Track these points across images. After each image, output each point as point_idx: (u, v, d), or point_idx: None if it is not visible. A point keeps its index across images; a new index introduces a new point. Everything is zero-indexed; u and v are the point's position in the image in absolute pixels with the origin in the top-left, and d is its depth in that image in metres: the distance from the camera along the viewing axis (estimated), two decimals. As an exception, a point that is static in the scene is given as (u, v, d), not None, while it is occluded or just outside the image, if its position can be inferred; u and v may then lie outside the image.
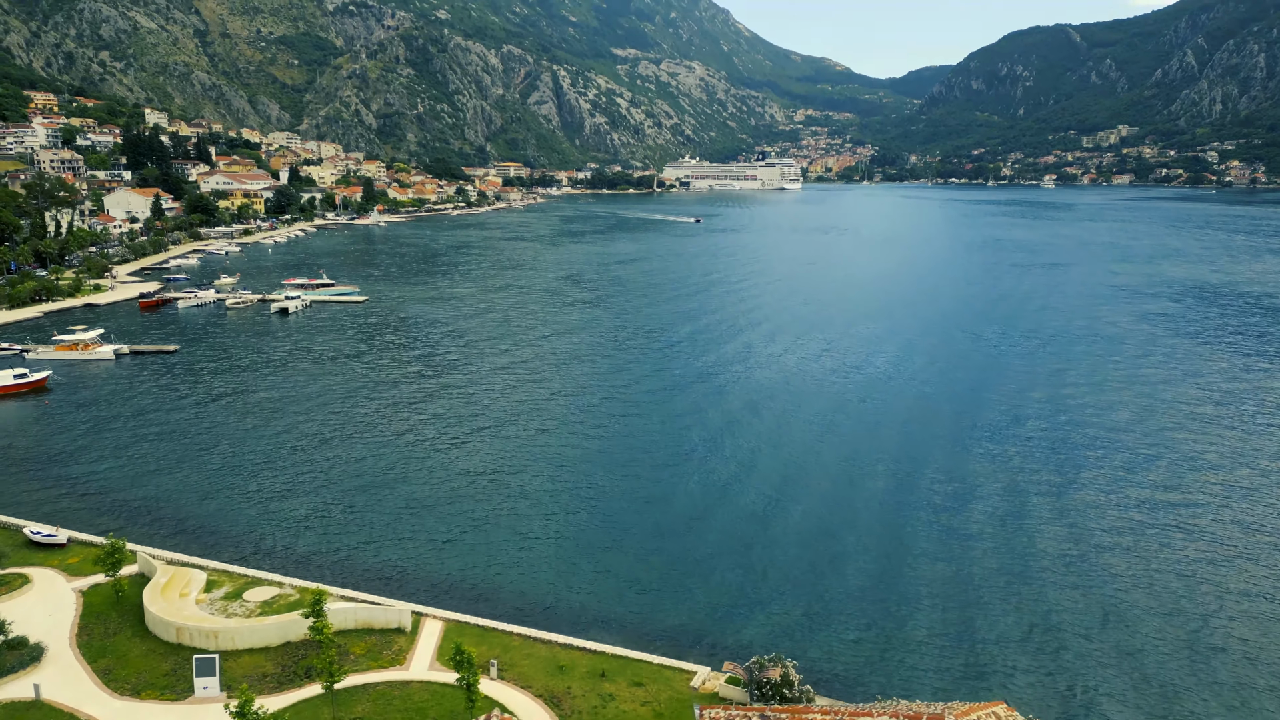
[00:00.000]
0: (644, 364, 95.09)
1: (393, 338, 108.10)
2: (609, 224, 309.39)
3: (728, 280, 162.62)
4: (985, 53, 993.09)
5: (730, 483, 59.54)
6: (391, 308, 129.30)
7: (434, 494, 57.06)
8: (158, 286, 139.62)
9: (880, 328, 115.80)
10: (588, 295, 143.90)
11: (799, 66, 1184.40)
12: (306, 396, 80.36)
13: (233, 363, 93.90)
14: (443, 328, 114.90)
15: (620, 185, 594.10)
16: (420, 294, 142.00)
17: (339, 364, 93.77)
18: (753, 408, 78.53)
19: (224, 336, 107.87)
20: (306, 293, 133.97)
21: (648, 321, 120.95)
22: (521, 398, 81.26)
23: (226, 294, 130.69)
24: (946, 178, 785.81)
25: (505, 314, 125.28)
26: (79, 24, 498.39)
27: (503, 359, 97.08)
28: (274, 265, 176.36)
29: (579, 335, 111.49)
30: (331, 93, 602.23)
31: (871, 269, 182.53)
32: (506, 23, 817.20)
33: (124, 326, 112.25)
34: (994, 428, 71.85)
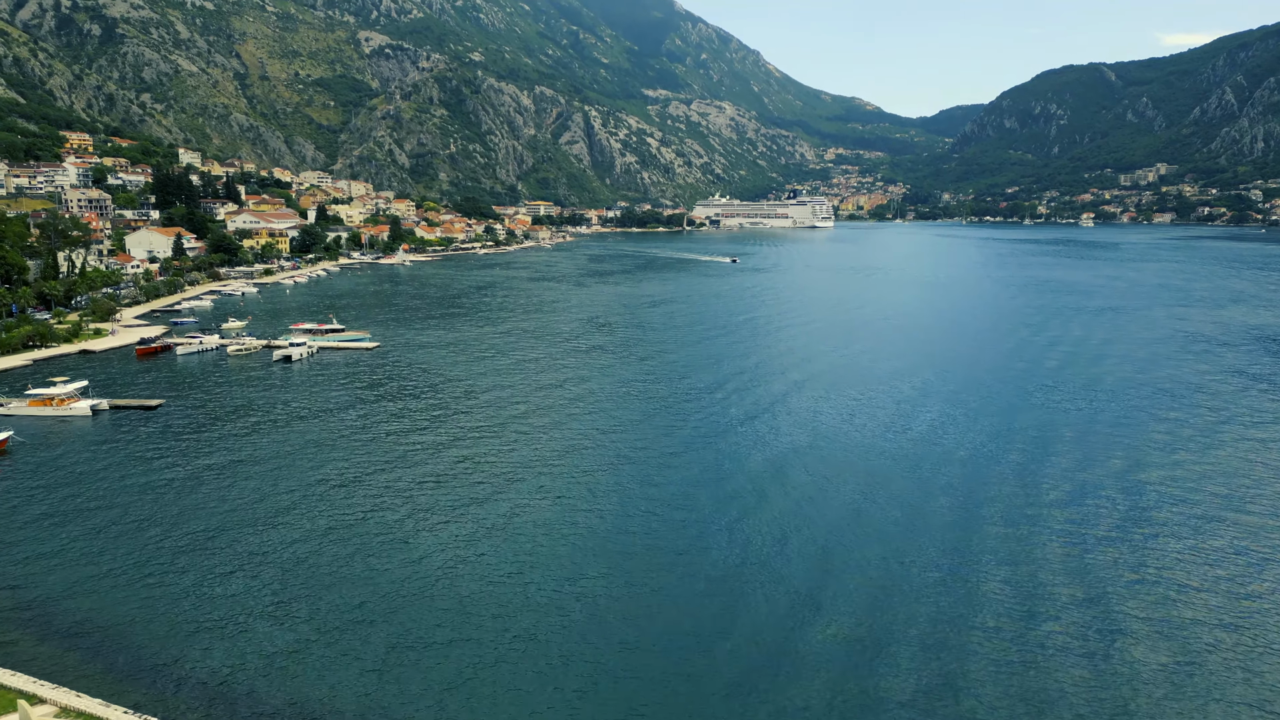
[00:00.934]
0: (662, 420, 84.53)
1: (398, 389, 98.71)
2: (637, 263, 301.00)
3: (759, 324, 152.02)
4: (1018, 91, 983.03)
5: (749, 588, 48.43)
6: (402, 355, 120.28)
7: (427, 619, 46.58)
8: (161, 331, 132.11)
9: (923, 380, 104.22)
10: (610, 341, 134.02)
11: (829, 106, 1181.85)
12: (289, 463, 70.70)
13: (218, 420, 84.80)
14: (452, 378, 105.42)
15: (650, 223, 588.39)
16: (434, 339, 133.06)
17: (335, 421, 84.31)
18: (778, 475, 67.56)
19: (218, 388, 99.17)
20: (314, 338, 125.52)
21: (671, 371, 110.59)
22: (526, 457, 70.96)
23: (229, 340, 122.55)
24: (981, 216, 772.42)
25: (521, 362, 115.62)
26: (122, 67, 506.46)
27: (513, 412, 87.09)
28: (290, 307, 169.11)
29: (596, 386, 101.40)
30: (366, 133, 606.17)
31: (912, 312, 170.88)
32: (539, 65, 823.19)
33: (116, 375, 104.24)
34: (1062, 506, 60.06)
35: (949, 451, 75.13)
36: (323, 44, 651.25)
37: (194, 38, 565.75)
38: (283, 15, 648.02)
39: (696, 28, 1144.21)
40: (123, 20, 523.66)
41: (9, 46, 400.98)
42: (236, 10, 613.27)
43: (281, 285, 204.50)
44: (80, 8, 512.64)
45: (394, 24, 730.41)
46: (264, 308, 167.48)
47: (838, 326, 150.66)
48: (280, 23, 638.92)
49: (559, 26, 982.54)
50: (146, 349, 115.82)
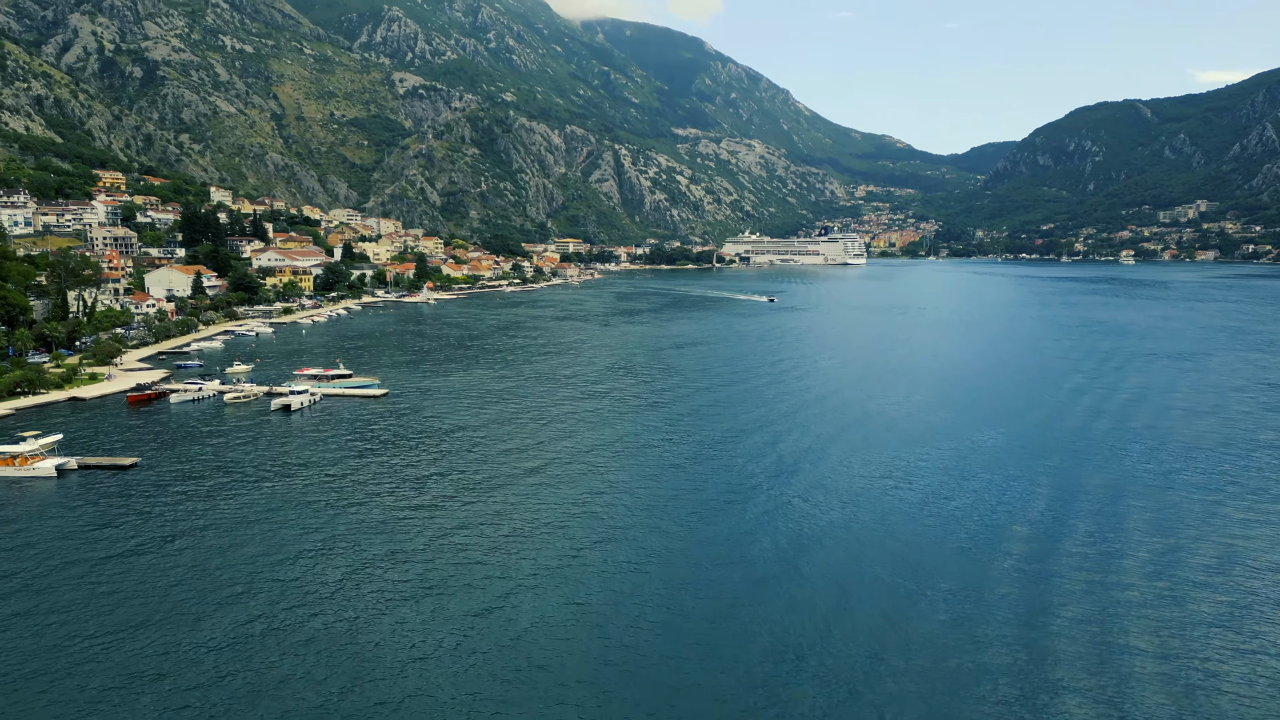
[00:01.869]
0: (684, 479, 73.57)
1: (402, 443, 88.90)
2: (666, 301, 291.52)
3: (794, 368, 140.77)
4: (1051, 128, 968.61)
5: (776, 684, 37.12)
6: (411, 403, 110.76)
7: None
8: (161, 376, 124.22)
9: (972, 434, 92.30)
10: (634, 387, 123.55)
11: (859, 143, 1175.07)
12: (262, 534, 60.69)
13: (195, 481, 75.35)
14: (461, 429, 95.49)
15: (679, 260, 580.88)
16: (447, 385, 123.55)
17: (325, 482, 74.47)
18: (810, 553, 56.25)
19: (206, 441, 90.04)
20: (319, 384, 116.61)
21: (697, 422, 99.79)
22: (525, 524, 60.31)
23: (228, 387, 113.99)
24: (1016, 253, 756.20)
25: (536, 411, 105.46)
26: (162, 108, 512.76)
27: (520, 468, 76.71)
28: (304, 348, 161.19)
29: (615, 438, 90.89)
30: (398, 171, 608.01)
31: (957, 356, 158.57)
32: (570, 104, 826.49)
33: (100, 427, 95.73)
34: (1154, 606, 47.96)
35: (1006, 524, 63.33)
36: (358, 85, 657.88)
37: (233, 79, 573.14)
38: (320, 58, 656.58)
39: (726, 67, 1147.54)
40: (164, 63, 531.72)
41: (50, 88, 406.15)
42: (275, 53, 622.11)
43: (299, 325, 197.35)
44: (123, 51, 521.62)
45: (428, 65, 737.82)
46: (276, 349, 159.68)
47: (878, 371, 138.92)
48: (317, 65, 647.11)
49: (590, 67, 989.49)
50: (138, 397, 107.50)
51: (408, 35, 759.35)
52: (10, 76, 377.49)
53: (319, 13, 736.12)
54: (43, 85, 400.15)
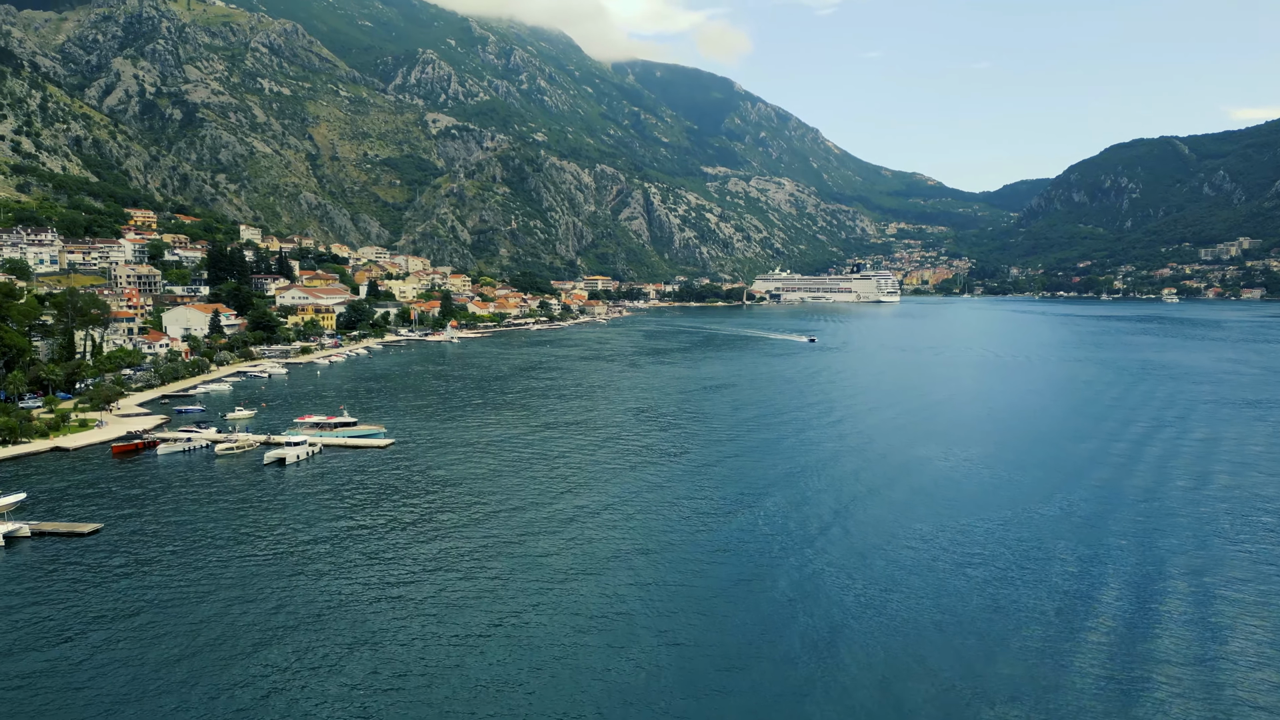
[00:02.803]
0: (703, 549, 62.27)
1: (400, 503, 78.77)
2: (696, 340, 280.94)
3: (830, 415, 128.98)
4: (1086, 165, 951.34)
5: None
6: (417, 455, 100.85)
7: None
8: (157, 422, 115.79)
9: (1035, 502, 79.84)
10: (662, 437, 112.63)
11: (889, 181, 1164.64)
12: (222, 618, 50.41)
13: (160, 549, 65.64)
14: (468, 485, 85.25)
15: (709, 298, 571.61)
16: (459, 434, 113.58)
17: (306, 552, 64.36)
18: (847, 641, 44.49)
19: (184, 501, 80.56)
20: (322, 433, 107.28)
21: (725, 476, 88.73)
22: (524, 602, 49.34)
23: (222, 436, 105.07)
24: (1053, 291, 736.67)
25: (552, 465, 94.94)
26: (199, 149, 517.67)
27: (527, 531, 66.07)
28: (316, 391, 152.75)
29: (635, 496, 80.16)
30: (430, 210, 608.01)
31: (1008, 402, 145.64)
32: (601, 144, 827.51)
33: (76, 482, 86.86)
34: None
35: (1083, 624, 51.13)
36: (391, 125, 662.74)
37: (270, 121, 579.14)
38: (355, 99, 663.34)
39: (756, 107, 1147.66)
40: (203, 105, 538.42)
41: (90, 129, 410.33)
42: (311, 95, 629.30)
43: (315, 366, 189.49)
44: (164, 94, 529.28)
45: (461, 106, 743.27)
46: (287, 392, 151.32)
47: (920, 419, 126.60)
48: (352, 106, 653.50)
49: (621, 108, 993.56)
50: (123, 447, 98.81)
51: (441, 77, 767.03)
52: (50, 118, 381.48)
53: (355, 56, 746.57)
54: (82, 126, 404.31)
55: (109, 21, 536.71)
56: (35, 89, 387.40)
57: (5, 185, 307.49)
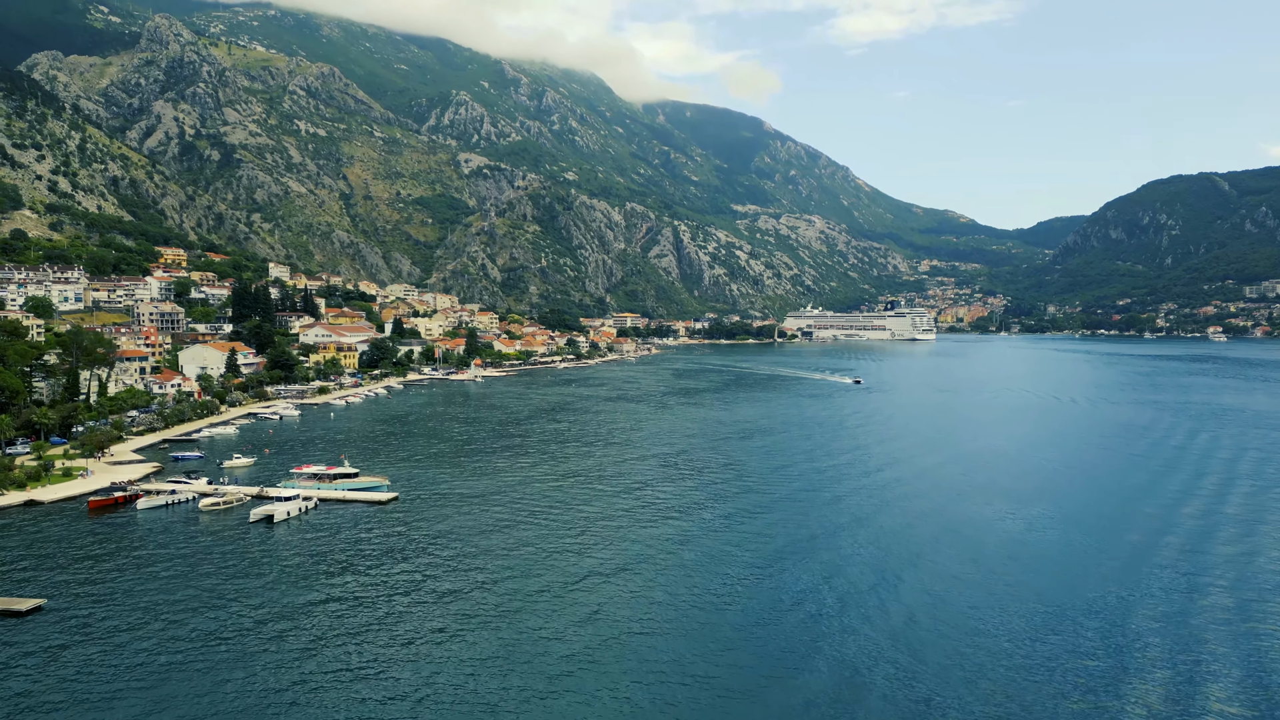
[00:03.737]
0: (734, 627, 50.65)
1: (396, 571, 68.22)
2: (727, 379, 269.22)
3: (877, 464, 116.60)
4: (1123, 202, 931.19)
5: None
6: (422, 511, 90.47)
7: None
8: (147, 471, 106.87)
9: (1119, 587, 66.90)
10: (689, 489, 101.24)
11: (921, 219, 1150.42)
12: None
13: (106, 632, 55.52)
14: (474, 547, 74.57)
15: (739, 335, 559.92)
16: (470, 484, 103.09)
17: (283, 630, 53.81)
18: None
19: (152, 569, 70.66)
20: (319, 485, 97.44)
21: (761, 540, 77.23)
22: (533, 689, 38.21)
23: (212, 487, 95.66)
24: (1093, 329, 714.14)
25: (571, 523, 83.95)
26: (236, 189, 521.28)
27: (534, 602, 55.01)
28: (327, 434, 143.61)
29: (659, 561, 68.88)
30: (460, 248, 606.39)
31: (1073, 453, 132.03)
32: (631, 183, 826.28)
33: (37, 542, 77.53)
34: None
35: None
36: (424, 165, 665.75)
37: (305, 161, 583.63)
38: (389, 140, 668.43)
39: (785, 145, 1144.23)
40: (240, 146, 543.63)
41: (127, 169, 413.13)
42: (346, 136, 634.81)
43: (331, 407, 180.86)
44: (203, 135, 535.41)
45: (493, 146, 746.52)
46: (296, 436, 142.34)
47: (975, 470, 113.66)
48: (386, 146, 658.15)
49: (651, 147, 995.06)
50: (100, 502, 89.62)
51: (474, 118, 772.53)
52: (89, 158, 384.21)
53: (391, 98, 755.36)
54: (120, 166, 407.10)
55: (151, 66, 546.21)
56: (75, 130, 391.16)
57: (39, 224, 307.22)
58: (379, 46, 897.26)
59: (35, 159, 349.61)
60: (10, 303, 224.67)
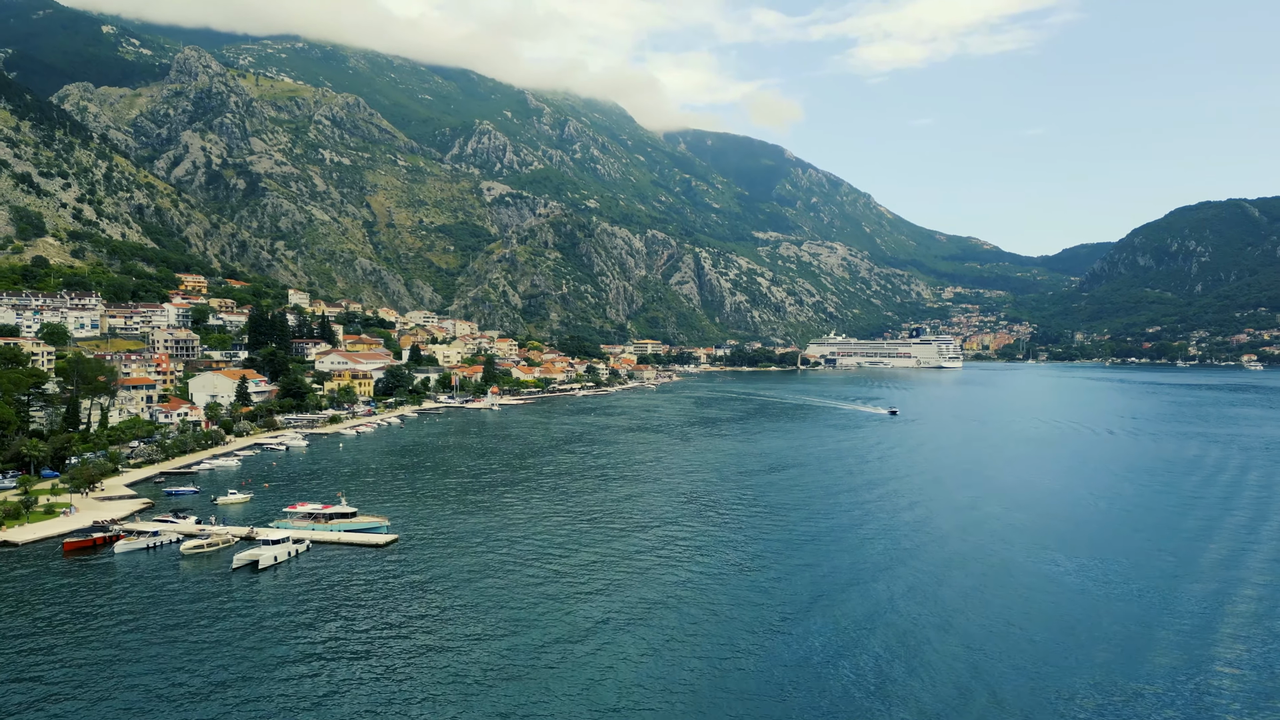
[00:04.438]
0: (749, 697, 42.41)
1: (385, 624, 60.50)
2: (749, 408, 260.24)
3: (912, 502, 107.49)
4: (1151, 228, 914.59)
5: None
6: (421, 554, 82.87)
7: None
8: (137, 508, 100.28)
9: (1196, 652, 57.66)
10: (711, 531, 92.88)
11: (944, 246, 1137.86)
12: None
13: (35, 701, 48.16)
14: (475, 596, 66.80)
15: (761, 362, 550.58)
16: (477, 525, 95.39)
17: (254, 705, 46.26)
18: None
19: (117, 624, 63.44)
20: (314, 526, 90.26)
21: (785, 590, 68.89)
22: None
23: (200, 528, 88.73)
24: (1123, 357, 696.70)
25: (581, 570, 75.92)
26: (260, 217, 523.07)
27: (532, 664, 47.10)
28: (334, 466, 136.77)
29: (673, 614, 60.47)
30: (482, 275, 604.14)
31: (1118, 489, 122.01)
32: (652, 210, 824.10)
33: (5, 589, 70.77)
34: None
35: None
36: (447, 194, 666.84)
37: (329, 190, 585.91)
38: (412, 168, 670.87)
39: (807, 173, 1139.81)
40: (266, 175, 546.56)
41: (153, 198, 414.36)
42: (370, 165, 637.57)
43: (340, 437, 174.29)
44: (229, 164, 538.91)
45: (515, 175, 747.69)
46: (300, 468, 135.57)
47: (1017, 507, 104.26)
48: (410, 175, 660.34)
49: (672, 175, 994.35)
50: (76, 544, 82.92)
51: (497, 147, 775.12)
52: (114, 187, 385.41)
53: (415, 128, 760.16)
54: (145, 195, 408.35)
55: (180, 97, 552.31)
56: (102, 159, 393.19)
57: (61, 251, 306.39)
58: (404, 77, 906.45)
59: (61, 187, 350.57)
60: (25, 330, 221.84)
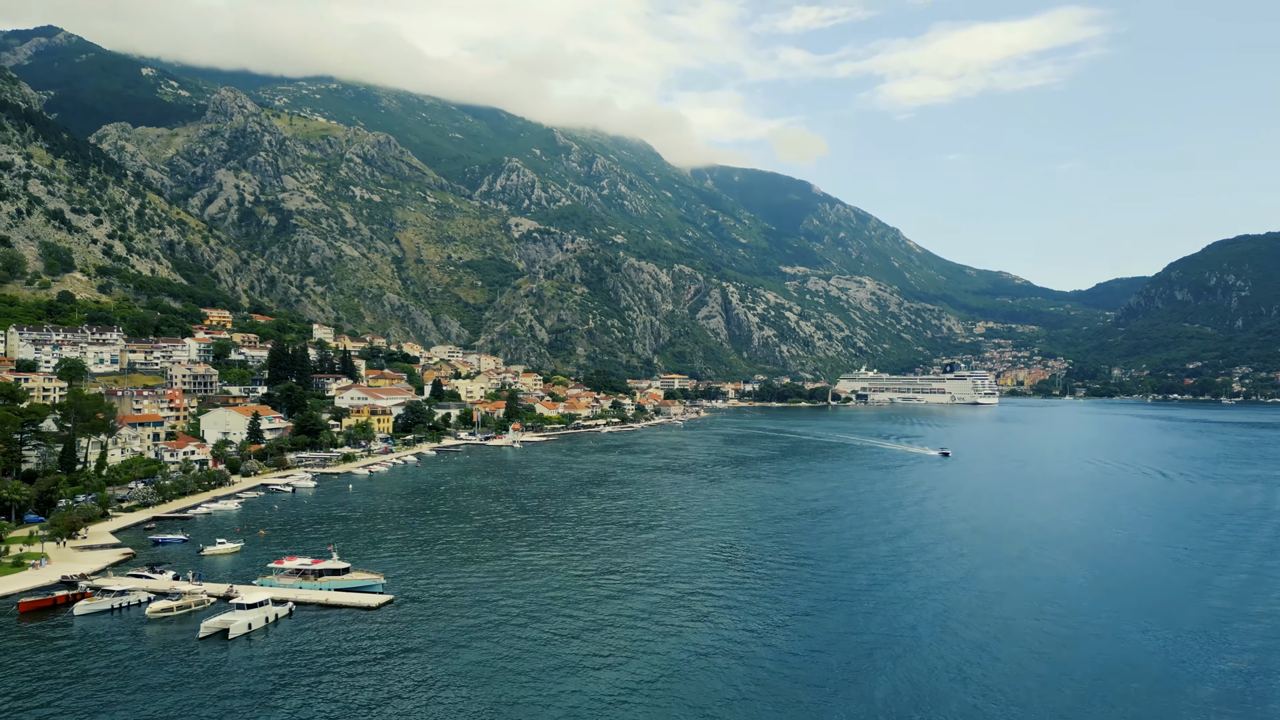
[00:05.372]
0: None
1: (366, 711, 49.95)
2: (782, 447, 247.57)
3: (969, 557, 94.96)
4: (1188, 262, 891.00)
5: None
6: (418, 619, 72.23)
7: None
8: (115, 560, 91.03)
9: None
10: (744, 587, 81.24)
11: (974, 280, 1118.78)
12: None
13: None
14: (473, 673, 55.79)
15: (791, 397, 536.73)
16: (481, 582, 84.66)
17: None
18: None
19: (44, 706, 53.45)
20: (301, 584, 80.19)
21: (833, 665, 56.62)
22: None
23: (168, 586, 78.97)
24: (1165, 394, 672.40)
25: (598, 632, 64.74)
26: (290, 253, 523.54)
27: None
28: (340, 509, 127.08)
29: (705, 694, 49.33)
30: (509, 310, 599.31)
31: (1200, 546, 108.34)
32: (679, 245, 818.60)
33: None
34: None
35: None
36: (475, 230, 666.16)
37: (359, 226, 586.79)
38: (442, 205, 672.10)
39: (834, 208, 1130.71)
40: (297, 212, 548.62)
41: (184, 234, 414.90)
42: (400, 202, 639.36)
43: (352, 477, 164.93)
44: (261, 202, 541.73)
45: (543, 211, 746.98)
46: (304, 512, 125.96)
47: (1089, 566, 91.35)
48: (439, 211, 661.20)
49: (699, 211, 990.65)
50: (34, 604, 73.44)
51: (525, 184, 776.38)
52: (146, 223, 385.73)
53: (445, 165, 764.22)
54: (176, 231, 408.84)
55: (215, 136, 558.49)
56: (135, 196, 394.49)
57: (88, 286, 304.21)
58: (435, 116, 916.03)
59: (92, 223, 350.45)
60: (44, 364, 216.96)
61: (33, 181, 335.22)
